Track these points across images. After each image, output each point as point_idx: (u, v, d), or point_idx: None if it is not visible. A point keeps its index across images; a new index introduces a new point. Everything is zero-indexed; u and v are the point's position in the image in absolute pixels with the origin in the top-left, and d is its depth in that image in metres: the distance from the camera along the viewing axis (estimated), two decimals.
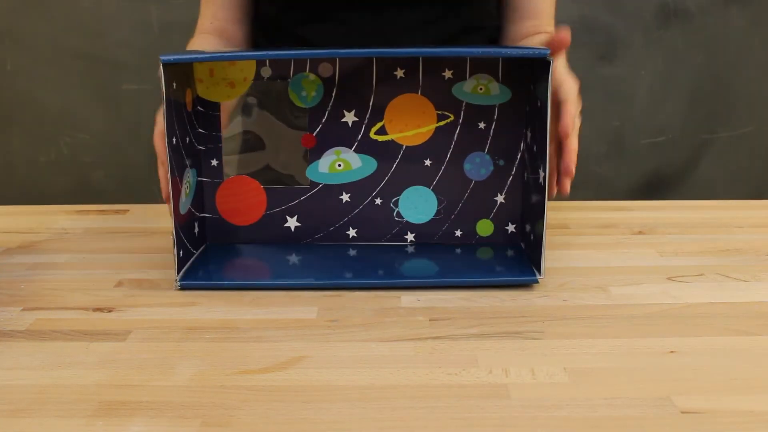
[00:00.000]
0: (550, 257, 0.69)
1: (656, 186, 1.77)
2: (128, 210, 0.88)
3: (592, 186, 1.75)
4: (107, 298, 0.62)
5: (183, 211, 0.65)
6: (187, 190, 0.66)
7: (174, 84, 0.61)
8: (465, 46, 0.64)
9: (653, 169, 1.76)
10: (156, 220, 0.84)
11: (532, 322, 0.56)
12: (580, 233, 0.77)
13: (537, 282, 0.62)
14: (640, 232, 0.78)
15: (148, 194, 1.69)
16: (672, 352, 0.51)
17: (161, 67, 0.57)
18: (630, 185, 1.77)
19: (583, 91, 0.66)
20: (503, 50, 0.61)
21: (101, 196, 1.74)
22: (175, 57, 0.58)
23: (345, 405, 0.45)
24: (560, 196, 0.65)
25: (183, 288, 0.63)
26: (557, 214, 0.84)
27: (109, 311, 0.59)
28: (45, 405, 0.45)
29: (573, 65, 0.68)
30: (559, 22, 1.59)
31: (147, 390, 0.47)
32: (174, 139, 0.61)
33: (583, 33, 1.65)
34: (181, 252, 0.64)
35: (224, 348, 0.52)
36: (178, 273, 0.63)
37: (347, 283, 0.62)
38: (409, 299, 0.61)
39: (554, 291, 0.62)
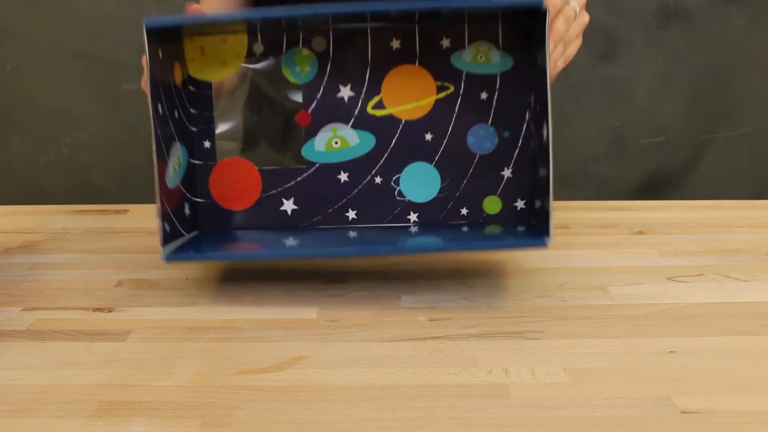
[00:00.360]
0: (550, 257, 0.69)
1: (656, 186, 1.77)
2: (128, 210, 0.88)
3: (592, 186, 1.75)
4: (107, 298, 0.62)
5: (171, 185, 0.62)
6: (176, 166, 0.63)
7: (160, 52, 0.59)
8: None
9: (653, 169, 1.76)
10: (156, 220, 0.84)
11: (532, 322, 0.56)
12: (580, 233, 0.77)
13: (545, 246, 0.57)
14: (640, 232, 0.78)
15: (148, 194, 1.68)
16: (672, 352, 0.51)
17: (144, 32, 0.55)
18: (630, 185, 1.77)
19: (583, 91, 0.66)
20: (490, 2, 0.59)
21: (101, 196, 1.74)
22: (161, 21, 0.56)
23: (345, 405, 0.45)
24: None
25: (169, 260, 0.59)
26: (557, 213, 0.84)
27: (109, 311, 0.59)
28: (45, 405, 0.45)
29: (573, 65, 0.68)
30: None
31: (147, 390, 0.47)
32: (160, 107, 0.59)
33: (583, 33, 1.65)
34: (167, 226, 0.60)
35: (224, 348, 0.52)
36: (163, 245, 0.59)
37: (348, 251, 0.60)
38: (409, 299, 0.61)
39: (554, 291, 0.62)
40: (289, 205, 0.69)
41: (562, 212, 0.85)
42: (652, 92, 1.71)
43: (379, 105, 0.68)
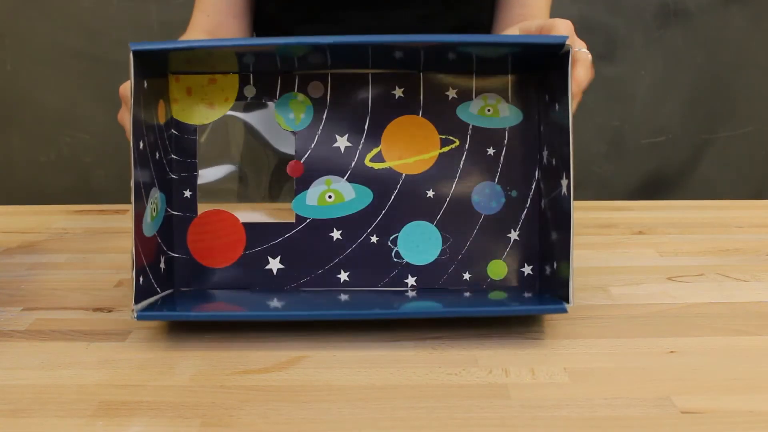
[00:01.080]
0: None
1: (656, 186, 1.77)
2: (128, 210, 0.88)
3: (592, 186, 1.75)
4: (107, 298, 0.62)
5: (147, 233, 0.57)
6: (154, 213, 0.58)
7: (145, 83, 0.55)
8: (465, 35, 0.56)
9: (653, 169, 1.76)
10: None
11: (532, 322, 0.56)
12: (580, 233, 0.77)
13: (566, 311, 0.53)
14: (640, 232, 0.78)
15: None
16: (672, 352, 0.51)
17: (131, 56, 0.52)
18: (630, 185, 1.77)
19: (583, 91, 0.65)
20: (511, 38, 0.55)
21: (101, 196, 1.74)
22: (148, 46, 0.53)
23: (345, 405, 0.45)
24: None
25: (140, 319, 0.53)
26: None
27: (109, 311, 0.59)
28: (45, 405, 0.45)
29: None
30: None
31: (147, 390, 0.47)
32: (141, 143, 0.54)
33: (583, 33, 1.64)
34: (141, 278, 0.54)
35: (224, 348, 0.52)
36: (136, 302, 0.53)
37: (337, 314, 0.55)
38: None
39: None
40: (275, 264, 0.62)
41: None
42: (652, 92, 1.71)
43: (378, 157, 0.63)
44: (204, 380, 0.48)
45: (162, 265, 0.60)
